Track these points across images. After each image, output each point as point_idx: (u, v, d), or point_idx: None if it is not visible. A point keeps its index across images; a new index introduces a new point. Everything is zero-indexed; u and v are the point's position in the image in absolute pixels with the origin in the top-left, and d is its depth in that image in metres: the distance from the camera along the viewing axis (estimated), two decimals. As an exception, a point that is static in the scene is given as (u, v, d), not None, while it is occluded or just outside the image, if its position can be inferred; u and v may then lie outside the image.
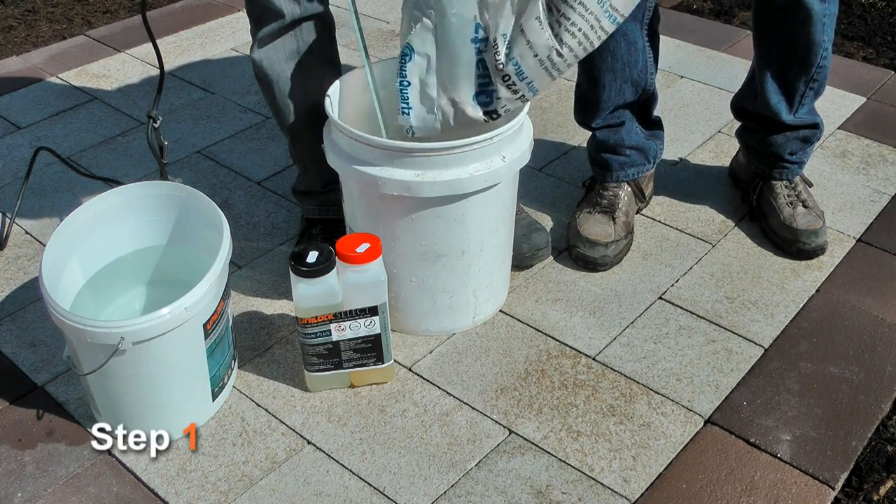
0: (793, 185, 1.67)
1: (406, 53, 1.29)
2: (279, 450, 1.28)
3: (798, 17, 1.49)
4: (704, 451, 1.27)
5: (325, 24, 1.45)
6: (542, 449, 1.28)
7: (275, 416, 1.34)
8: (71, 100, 2.19)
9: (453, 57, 1.27)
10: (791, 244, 1.62)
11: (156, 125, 1.45)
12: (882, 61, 2.35)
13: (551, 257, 1.63)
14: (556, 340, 1.46)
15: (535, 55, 1.26)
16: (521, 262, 1.58)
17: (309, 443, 1.29)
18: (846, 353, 1.43)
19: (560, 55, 1.27)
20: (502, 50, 1.26)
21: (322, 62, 1.47)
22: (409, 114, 1.33)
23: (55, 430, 1.32)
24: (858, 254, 1.65)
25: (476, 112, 1.30)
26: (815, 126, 1.64)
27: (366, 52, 1.36)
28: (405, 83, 1.31)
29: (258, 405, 1.36)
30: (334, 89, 1.40)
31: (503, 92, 1.28)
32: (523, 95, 1.29)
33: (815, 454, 1.26)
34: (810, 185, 1.73)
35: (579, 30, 1.26)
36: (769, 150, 1.66)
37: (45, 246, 1.26)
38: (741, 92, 1.70)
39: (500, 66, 1.26)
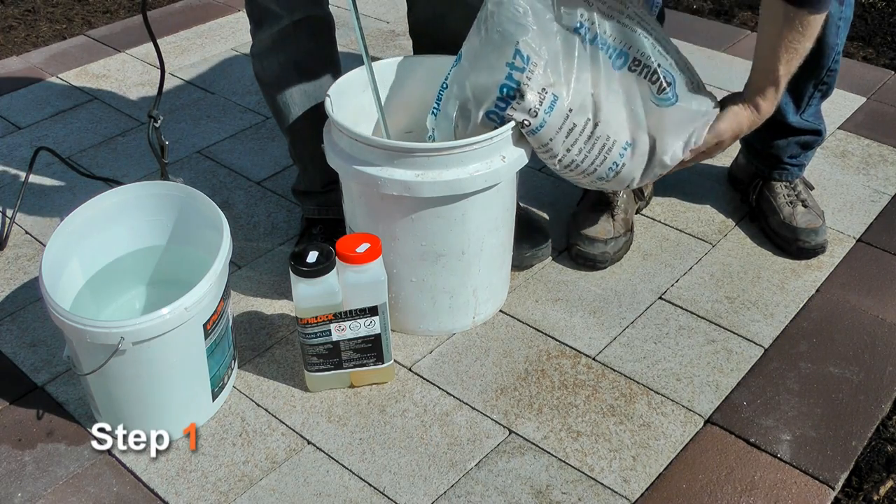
0: (792, 185, 1.68)
1: (458, 57, 1.33)
2: (279, 450, 1.28)
3: None
4: (704, 451, 1.27)
5: (324, 24, 1.45)
6: (542, 449, 1.28)
7: (275, 416, 1.34)
8: (71, 100, 2.19)
9: (484, 71, 1.29)
10: (791, 243, 1.62)
11: (156, 125, 1.45)
12: (882, 61, 2.35)
13: (551, 257, 1.63)
14: (556, 340, 1.46)
15: (550, 139, 1.31)
16: (521, 262, 1.57)
17: (309, 443, 1.29)
18: (846, 353, 1.43)
19: (554, 160, 1.34)
20: (543, 107, 1.28)
21: (322, 62, 1.47)
22: (436, 115, 1.35)
23: (55, 430, 1.32)
24: (858, 254, 1.65)
25: (484, 123, 1.32)
26: (818, 133, 1.65)
27: (366, 52, 1.36)
28: (445, 84, 1.34)
29: (258, 405, 1.36)
30: (334, 89, 1.40)
31: (513, 123, 1.29)
32: (521, 132, 1.32)
33: (815, 454, 1.26)
34: (811, 188, 1.73)
35: (578, 163, 1.34)
36: (770, 151, 1.66)
37: (45, 246, 1.26)
38: None
39: (534, 114, 1.28)
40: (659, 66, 1.34)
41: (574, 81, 1.30)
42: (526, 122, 1.29)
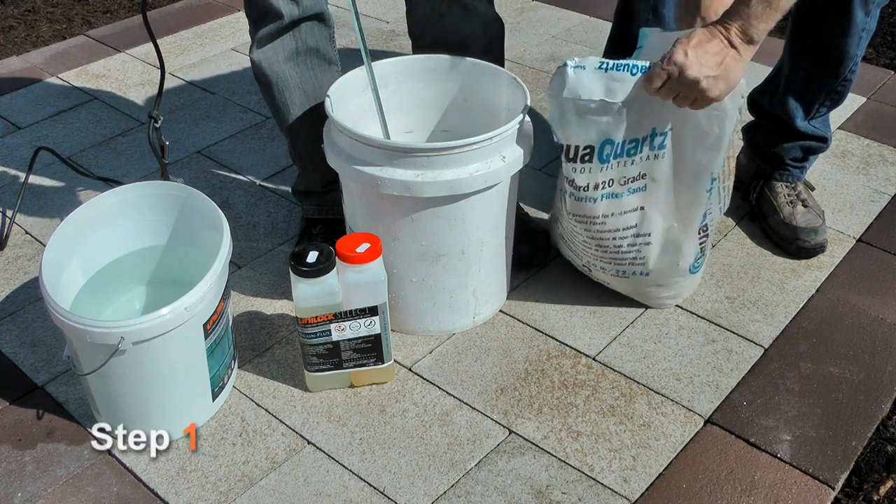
0: (793, 185, 1.68)
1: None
2: (279, 450, 1.28)
3: (838, 27, 1.48)
4: (704, 451, 1.27)
5: (324, 24, 1.45)
6: (542, 449, 1.28)
7: (275, 416, 1.34)
8: (71, 100, 2.19)
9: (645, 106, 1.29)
10: (791, 242, 1.62)
11: (157, 125, 1.45)
12: (882, 61, 2.35)
13: (551, 257, 1.63)
14: (556, 340, 1.46)
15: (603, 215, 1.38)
16: (521, 264, 1.57)
17: (309, 443, 1.29)
18: (846, 353, 1.43)
19: (587, 220, 1.39)
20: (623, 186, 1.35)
21: (321, 62, 1.47)
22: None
23: (55, 430, 1.32)
24: (858, 254, 1.65)
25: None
26: (824, 140, 1.65)
27: (366, 52, 1.36)
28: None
29: (258, 405, 1.36)
30: (334, 89, 1.40)
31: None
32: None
33: (815, 454, 1.26)
34: (812, 188, 1.73)
35: (606, 243, 1.41)
36: (773, 151, 1.66)
37: (45, 246, 1.26)
38: (761, 87, 1.70)
39: (604, 186, 1.34)
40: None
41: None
42: (587, 187, 1.32)
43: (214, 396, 1.32)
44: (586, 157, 1.30)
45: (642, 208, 1.36)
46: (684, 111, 1.25)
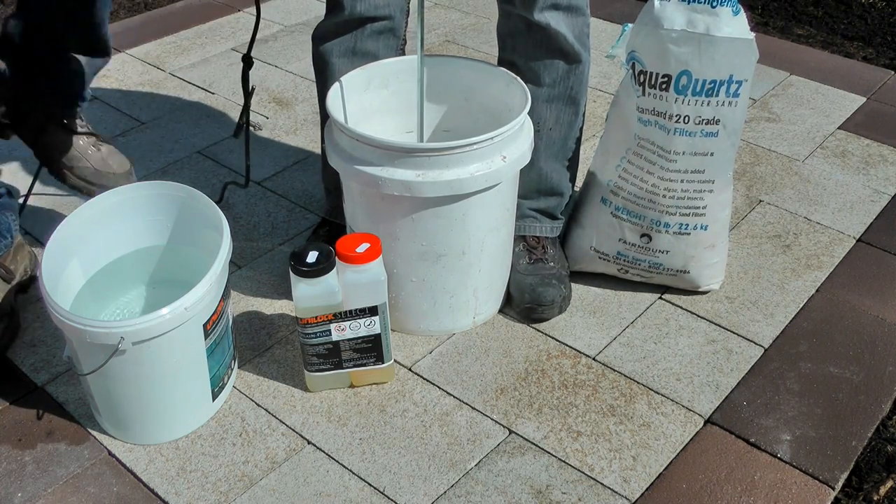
0: None
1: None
2: (279, 450, 1.28)
3: None
4: (704, 451, 1.27)
5: (391, 33, 1.44)
6: (542, 449, 1.28)
7: (275, 416, 1.34)
8: (71, 100, 2.19)
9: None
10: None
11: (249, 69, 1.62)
12: (882, 61, 2.35)
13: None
14: (556, 340, 1.46)
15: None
16: (520, 311, 1.50)
17: (309, 443, 1.29)
18: (846, 353, 1.43)
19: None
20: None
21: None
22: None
23: (55, 430, 1.32)
24: (858, 254, 1.65)
25: None
26: None
27: (422, 45, 1.36)
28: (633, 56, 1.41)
29: (258, 405, 1.36)
30: (335, 89, 1.40)
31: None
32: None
33: (815, 454, 1.26)
34: None
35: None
36: None
37: (45, 246, 1.26)
38: None
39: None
40: None
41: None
42: (664, 114, 1.37)
43: (214, 396, 1.32)
44: (663, 86, 1.35)
45: (712, 154, 1.38)
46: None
